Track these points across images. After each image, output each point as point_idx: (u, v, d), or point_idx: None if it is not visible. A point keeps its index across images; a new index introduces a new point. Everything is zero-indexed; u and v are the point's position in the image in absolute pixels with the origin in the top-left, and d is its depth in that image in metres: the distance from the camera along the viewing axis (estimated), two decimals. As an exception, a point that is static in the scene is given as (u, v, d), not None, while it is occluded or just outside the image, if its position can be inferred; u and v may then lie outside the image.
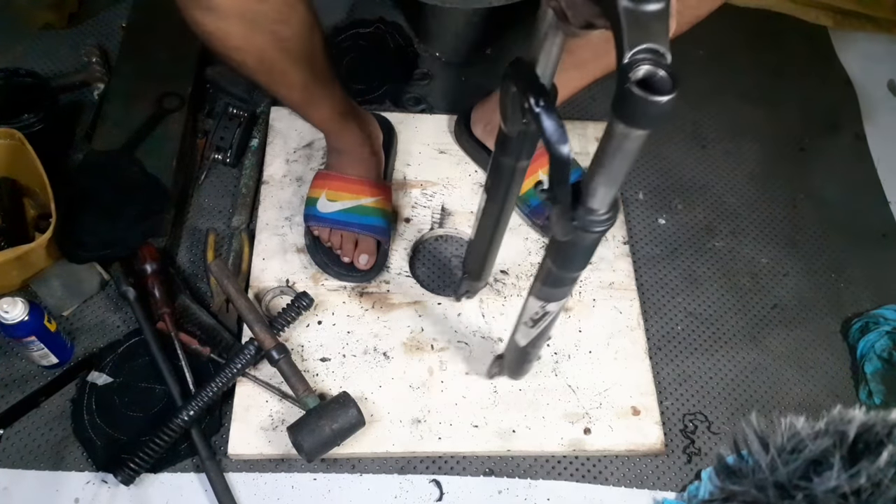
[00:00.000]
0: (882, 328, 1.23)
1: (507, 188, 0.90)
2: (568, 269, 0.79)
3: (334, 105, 1.08)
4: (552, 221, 0.74)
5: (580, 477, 1.08)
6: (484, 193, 0.93)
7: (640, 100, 0.55)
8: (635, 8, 0.56)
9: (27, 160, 1.11)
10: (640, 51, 0.56)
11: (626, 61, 0.56)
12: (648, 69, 0.56)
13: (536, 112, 0.69)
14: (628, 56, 0.56)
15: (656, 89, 0.55)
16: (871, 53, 1.72)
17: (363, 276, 1.18)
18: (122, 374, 1.08)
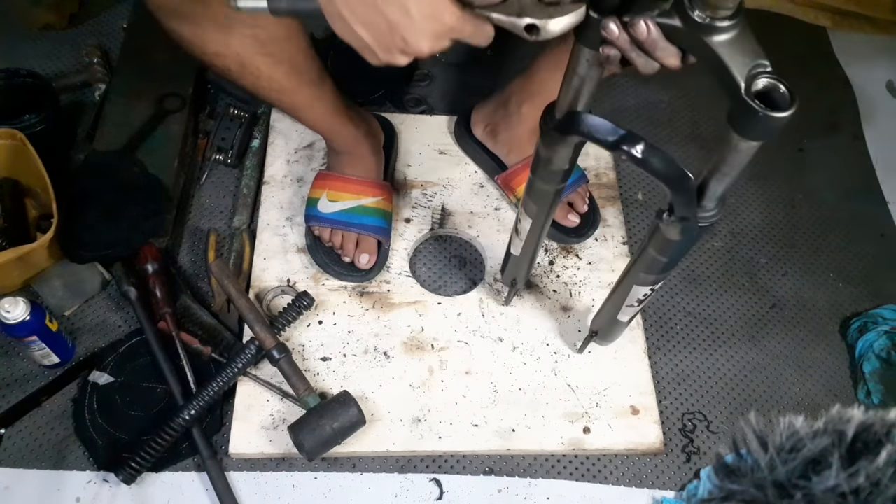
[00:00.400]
0: (880, 328, 1.23)
1: (549, 209, 0.94)
2: (677, 259, 0.86)
3: (326, 105, 1.08)
4: (668, 229, 0.80)
5: (580, 476, 1.08)
6: (527, 217, 0.96)
7: (763, 117, 0.60)
8: (721, 39, 0.61)
9: (29, 160, 1.11)
10: (753, 68, 0.60)
11: (744, 82, 0.60)
12: (768, 83, 0.61)
13: (642, 159, 0.74)
14: (743, 78, 0.60)
15: (775, 104, 0.60)
16: (870, 54, 1.72)
17: (364, 275, 1.19)
18: (124, 374, 1.09)
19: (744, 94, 0.60)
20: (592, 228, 1.27)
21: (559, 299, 1.22)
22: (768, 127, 0.61)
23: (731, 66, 0.61)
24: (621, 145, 0.73)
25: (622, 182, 1.40)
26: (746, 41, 0.61)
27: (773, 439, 0.47)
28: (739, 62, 0.61)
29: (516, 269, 1.08)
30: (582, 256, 1.27)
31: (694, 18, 0.60)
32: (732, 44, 0.61)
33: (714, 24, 0.60)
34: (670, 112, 1.54)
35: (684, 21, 0.61)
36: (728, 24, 0.60)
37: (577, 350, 1.14)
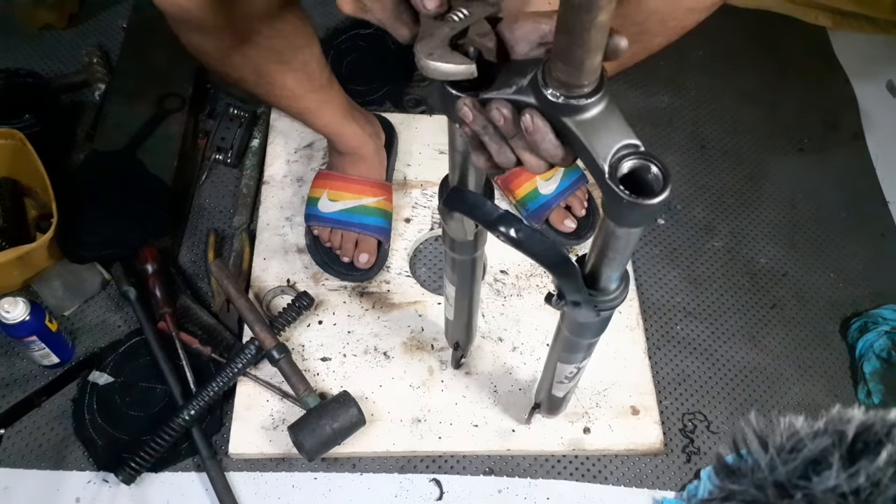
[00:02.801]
0: (881, 328, 1.23)
1: (473, 275, 0.91)
2: (592, 339, 0.82)
3: (334, 110, 1.09)
4: (569, 313, 0.75)
5: (580, 476, 1.08)
6: (450, 285, 0.93)
7: (627, 204, 0.53)
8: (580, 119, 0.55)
9: (28, 160, 1.11)
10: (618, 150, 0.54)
11: (608, 166, 0.54)
12: (636, 164, 0.54)
13: (518, 240, 0.68)
14: (607, 162, 0.54)
15: (647, 187, 0.54)
16: (870, 54, 1.72)
17: (363, 275, 1.19)
18: (123, 374, 1.09)
19: (608, 180, 0.54)
20: (591, 231, 1.27)
21: (559, 299, 1.22)
22: (641, 214, 0.55)
23: (592, 149, 0.54)
24: (498, 226, 0.68)
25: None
26: (611, 119, 0.55)
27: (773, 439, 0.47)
28: (602, 143, 0.54)
29: (456, 333, 1.05)
30: (582, 256, 1.26)
31: (548, 97, 0.54)
32: (593, 124, 0.55)
33: (570, 104, 0.54)
34: (670, 112, 1.54)
35: (539, 99, 0.55)
36: (586, 103, 0.54)
37: (525, 422, 1.09)
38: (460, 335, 1.05)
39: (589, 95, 0.54)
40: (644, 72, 1.09)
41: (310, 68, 0.99)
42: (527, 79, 0.56)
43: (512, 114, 0.57)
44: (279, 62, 0.94)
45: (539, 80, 0.55)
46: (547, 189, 1.24)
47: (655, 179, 0.54)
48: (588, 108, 0.54)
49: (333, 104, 1.09)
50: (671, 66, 1.59)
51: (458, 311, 0.99)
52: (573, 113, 0.54)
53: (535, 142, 0.57)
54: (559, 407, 1.05)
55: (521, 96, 0.57)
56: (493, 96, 0.58)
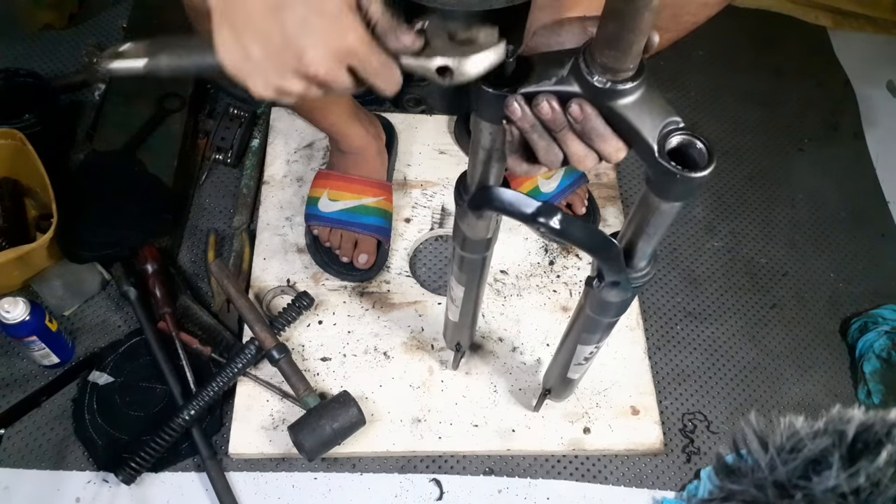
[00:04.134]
0: (881, 328, 1.23)
1: (482, 275, 0.91)
2: (617, 317, 0.82)
3: (341, 110, 1.10)
4: (596, 291, 0.76)
5: (580, 476, 1.08)
6: (458, 286, 0.93)
7: (681, 179, 0.56)
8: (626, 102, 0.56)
9: (28, 160, 1.11)
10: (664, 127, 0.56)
11: (656, 143, 0.56)
12: (682, 140, 0.56)
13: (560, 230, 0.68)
14: (655, 139, 0.56)
15: (692, 161, 0.56)
16: (870, 54, 1.72)
17: (363, 275, 1.19)
18: (124, 374, 1.09)
19: (657, 157, 0.56)
20: None
21: (559, 299, 1.22)
22: (688, 188, 0.57)
23: (640, 129, 0.57)
24: (538, 218, 0.68)
25: (622, 182, 1.40)
26: (654, 99, 0.57)
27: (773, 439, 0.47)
28: (649, 123, 0.57)
29: (458, 334, 1.05)
30: (582, 256, 1.26)
31: (594, 84, 0.56)
32: (639, 105, 0.57)
33: (616, 88, 0.56)
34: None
35: (584, 87, 0.57)
36: (631, 86, 0.56)
37: (534, 409, 1.10)
38: (462, 337, 1.05)
39: (633, 78, 0.56)
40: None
41: None
42: (566, 69, 0.57)
43: (560, 105, 0.58)
44: None
45: (583, 68, 0.56)
46: (548, 188, 1.24)
47: (700, 154, 0.56)
48: (633, 91, 0.56)
49: (341, 104, 1.09)
50: (671, 65, 1.59)
51: (463, 313, 0.99)
52: (619, 97, 0.56)
53: (586, 130, 0.58)
54: (570, 391, 1.06)
55: (564, 87, 0.58)
56: (536, 89, 0.58)
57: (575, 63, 0.57)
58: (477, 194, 0.74)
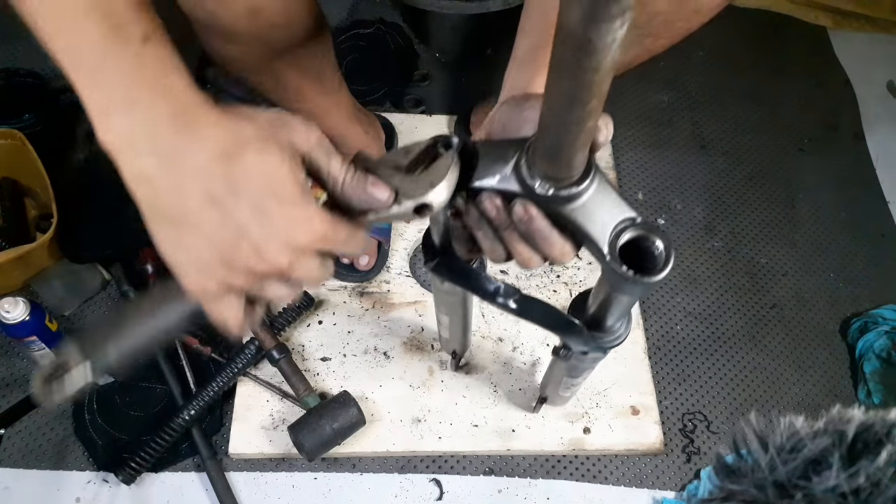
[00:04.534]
0: (881, 328, 1.23)
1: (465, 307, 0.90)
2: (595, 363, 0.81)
3: (341, 112, 1.10)
4: (563, 359, 0.76)
5: (580, 476, 1.08)
6: (444, 314, 0.93)
7: (637, 282, 0.52)
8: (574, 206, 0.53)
9: (28, 160, 1.11)
10: (617, 226, 0.53)
11: (607, 245, 0.52)
12: (637, 235, 0.53)
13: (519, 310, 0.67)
14: (607, 241, 0.52)
15: (648, 256, 0.53)
16: (871, 54, 1.72)
17: (363, 275, 1.19)
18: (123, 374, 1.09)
19: (608, 261, 0.52)
20: None
21: (559, 299, 1.22)
22: (643, 287, 0.53)
23: (589, 232, 0.53)
24: (496, 298, 0.67)
25: (622, 182, 1.39)
26: (605, 199, 0.53)
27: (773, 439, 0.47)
28: (599, 226, 0.52)
29: (452, 344, 1.05)
30: (582, 256, 1.26)
31: (535, 191, 0.52)
32: (587, 208, 0.52)
33: (559, 195, 0.52)
34: (670, 112, 1.54)
35: (526, 190, 0.53)
36: (577, 191, 0.52)
37: (533, 410, 1.10)
38: (457, 346, 1.05)
39: (579, 182, 0.52)
40: (644, 71, 1.09)
41: (325, 74, 1.01)
42: (509, 166, 0.53)
43: (503, 204, 0.54)
44: (298, 69, 0.95)
45: (524, 173, 0.52)
46: None
47: (660, 255, 0.52)
48: (579, 196, 0.52)
49: (341, 107, 1.10)
50: (671, 65, 1.59)
51: (452, 333, 0.99)
52: (564, 203, 0.52)
53: (530, 232, 0.54)
54: (565, 402, 1.07)
55: (506, 186, 0.54)
56: (479, 185, 0.54)
57: (518, 162, 0.53)
58: (439, 264, 0.71)
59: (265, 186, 0.46)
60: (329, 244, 0.50)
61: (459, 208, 0.57)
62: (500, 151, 0.55)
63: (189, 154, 0.45)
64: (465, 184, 0.55)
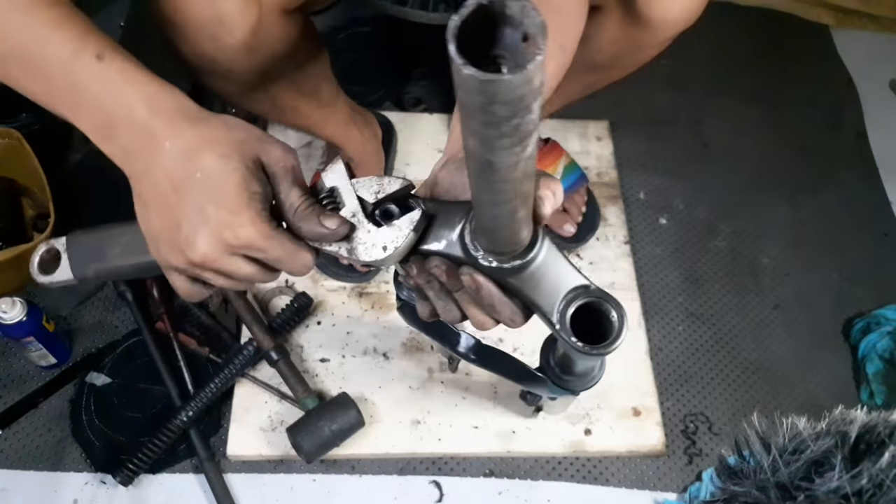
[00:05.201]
0: (884, 328, 1.22)
1: None
2: None
3: (338, 121, 1.10)
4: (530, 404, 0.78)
5: (581, 478, 1.07)
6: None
7: (587, 352, 0.51)
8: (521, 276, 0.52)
9: (25, 160, 1.10)
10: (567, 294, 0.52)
11: (557, 316, 0.52)
12: (585, 303, 0.52)
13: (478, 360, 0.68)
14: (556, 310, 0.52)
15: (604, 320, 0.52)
16: (873, 52, 1.71)
17: (362, 276, 1.18)
18: (121, 375, 1.08)
19: (558, 331, 0.52)
20: (591, 232, 1.26)
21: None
22: (597, 356, 0.52)
23: (537, 301, 0.52)
24: (456, 348, 0.67)
25: (624, 181, 1.39)
26: (552, 268, 0.52)
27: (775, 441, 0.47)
28: (546, 296, 0.52)
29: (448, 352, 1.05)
30: (583, 256, 1.26)
31: (479, 262, 0.51)
32: (534, 278, 0.52)
33: (503, 267, 0.51)
34: (672, 111, 1.53)
35: (471, 259, 0.52)
36: (521, 263, 0.51)
37: (532, 414, 1.09)
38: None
39: (524, 254, 0.51)
40: (646, 71, 1.09)
41: (321, 90, 1.01)
42: (455, 232, 0.53)
43: (451, 269, 0.54)
44: (295, 91, 0.96)
45: (468, 243, 0.52)
46: None
47: (615, 323, 0.51)
48: (524, 268, 0.51)
49: (338, 115, 1.10)
50: (673, 64, 1.58)
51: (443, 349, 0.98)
52: (511, 274, 0.52)
53: (479, 299, 0.55)
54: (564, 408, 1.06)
55: (452, 252, 0.53)
56: (427, 249, 0.54)
57: (462, 231, 0.52)
58: (403, 307, 0.70)
59: (211, 188, 0.52)
60: (259, 254, 0.54)
61: (408, 270, 0.56)
62: (446, 216, 0.54)
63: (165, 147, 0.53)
64: (415, 247, 0.55)
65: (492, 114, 0.32)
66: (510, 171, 0.37)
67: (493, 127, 0.33)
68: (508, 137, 0.34)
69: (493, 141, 0.34)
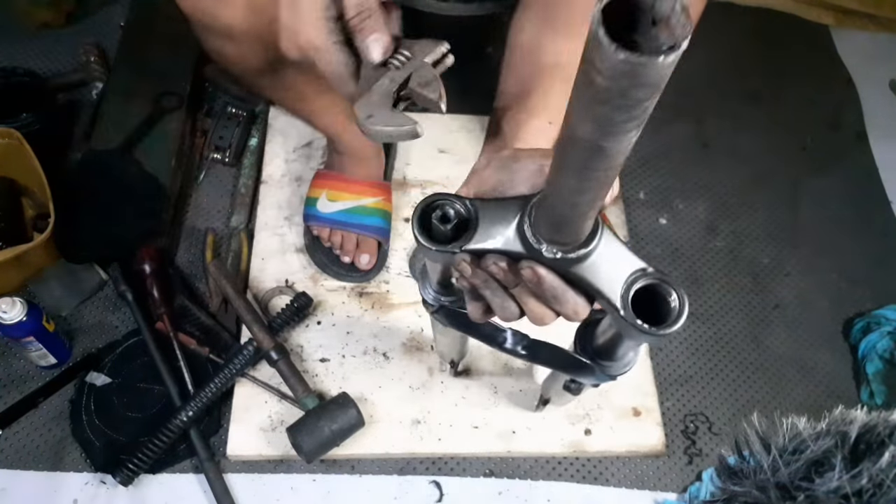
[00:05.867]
0: (884, 328, 1.22)
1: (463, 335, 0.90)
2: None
3: (339, 111, 1.09)
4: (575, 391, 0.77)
5: (581, 478, 1.07)
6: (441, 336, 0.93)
7: (651, 334, 0.52)
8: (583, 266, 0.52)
9: (25, 160, 1.10)
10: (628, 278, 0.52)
11: (620, 300, 0.52)
12: (645, 285, 0.52)
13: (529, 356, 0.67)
14: (619, 295, 0.52)
15: (663, 303, 0.52)
16: (873, 52, 1.71)
17: (363, 276, 1.18)
18: (121, 375, 1.08)
19: (622, 315, 0.52)
20: None
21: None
22: (657, 339, 0.52)
23: (601, 289, 0.52)
24: (503, 345, 0.67)
25: (624, 181, 1.39)
26: (614, 254, 0.52)
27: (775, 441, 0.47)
28: (610, 281, 0.52)
29: (450, 356, 1.04)
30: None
31: (543, 254, 0.52)
32: (596, 266, 0.52)
33: (568, 258, 0.52)
34: (672, 111, 1.53)
35: (532, 253, 0.53)
36: (584, 252, 0.51)
37: (535, 409, 1.09)
38: (454, 357, 1.04)
39: (587, 244, 0.51)
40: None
41: None
42: (511, 228, 0.53)
43: (509, 265, 0.54)
44: (297, 68, 0.94)
45: (529, 236, 0.52)
46: None
47: (674, 304, 0.52)
48: (587, 256, 0.52)
49: (339, 106, 1.09)
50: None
51: (449, 349, 0.99)
52: (573, 264, 0.52)
53: (541, 292, 0.54)
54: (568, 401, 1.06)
55: (511, 248, 0.54)
56: (482, 248, 0.54)
57: (520, 224, 0.53)
58: (440, 312, 0.71)
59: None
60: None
61: (463, 271, 0.56)
62: (499, 212, 0.55)
63: None
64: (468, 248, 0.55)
65: (629, 97, 0.32)
66: (618, 156, 0.38)
67: (624, 111, 0.33)
68: (635, 120, 0.34)
69: (616, 125, 0.34)
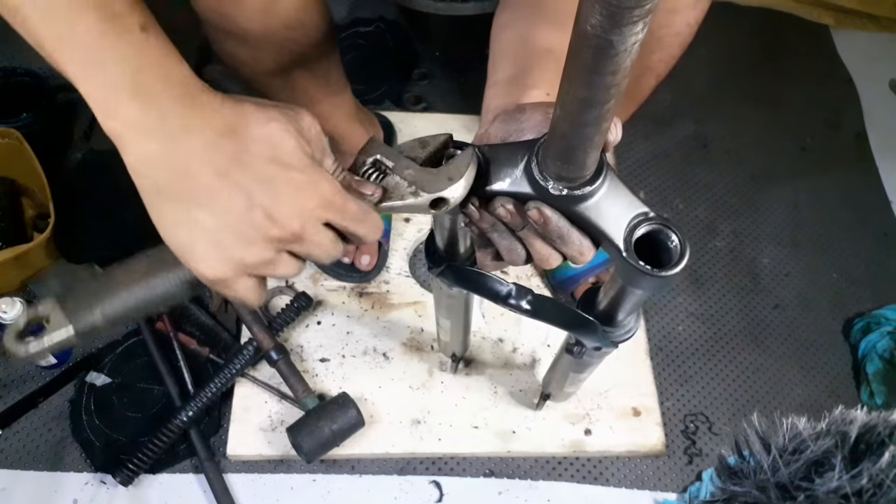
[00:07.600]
0: (884, 328, 1.22)
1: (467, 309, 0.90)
2: (596, 363, 0.83)
3: (344, 113, 1.10)
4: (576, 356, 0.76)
5: (581, 478, 1.07)
6: (445, 319, 0.93)
7: (652, 276, 0.53)
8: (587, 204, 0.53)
9: (25, 159, 1.10)
10: (631, 220, 0.54)
11: (622, 241, 0.53)
12: (651, 229, 0.54)
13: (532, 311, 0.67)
14: (622, 237, 0.53)
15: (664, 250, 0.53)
16: (873, 52, 1.71)
17: (363, 276, 1.18)
18: (121, 375, 1.08)
19: (625, 256, 0.53)
20: None
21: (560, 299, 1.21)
22: (660, 282, 0.54)
23: (605, 229, 0.54)
24: (509, 300, 0.68)
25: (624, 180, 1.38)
26: (618, 195, 0.54)
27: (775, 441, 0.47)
28: (613, 222, 0.54)
29: (452, 347, 1.04)
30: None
31: (549, 192, 0.53)
32: (600, 205, 0.54)
33: (574, 195, 0.53)
34: (672, 111, 1.53)
35: (539, 191, 0.54)
36: (590, 190, 0.53)
37: (536, 408, 1.09)
38: (457, 348, 1.04)
39: (592, 181, 0.53)
40: (645, 71, 1.08)
41: (332, 76, 1.01)
42: (519, 169, 0.55)
43: (516, 207, 0.55)
44: (308, 71, 0.95)
45: (536, 174, 0.53)
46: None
47: (675, 249, 0.53)
48: (592, 194, 0.53)
49: (344, 108, 1.09)
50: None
51: (452, 336, 0.99)
52: (578, 202, 0.53)
53: (547, 233, 0.55)
54: (569, 396, 1.06)
55: (518, 189, 0.55)
56: (491, 190, 0.56)
57: (528, 165, 0.54)
58: (446, 271, 0.72)
59: (269, 155, 0.48)
60: (338, 214, 0.51)
61: (472, 215, 0.58)
62: (507, 155, 0.56)
63: (195, 133, 0.47)
64: (477, 189, 0.56)
65: None
66: (625, 55, 0.39)
67: None
68: (641, 7, 0.35)
69: (623, 13, 0.36)
